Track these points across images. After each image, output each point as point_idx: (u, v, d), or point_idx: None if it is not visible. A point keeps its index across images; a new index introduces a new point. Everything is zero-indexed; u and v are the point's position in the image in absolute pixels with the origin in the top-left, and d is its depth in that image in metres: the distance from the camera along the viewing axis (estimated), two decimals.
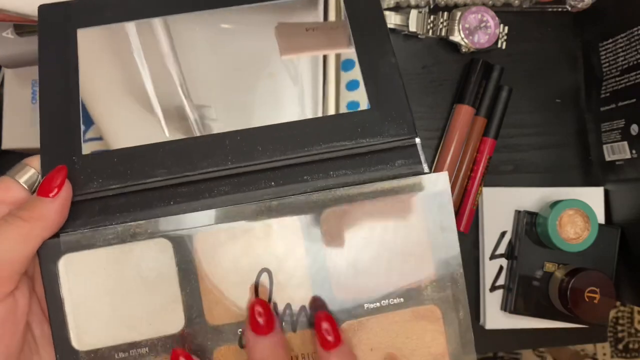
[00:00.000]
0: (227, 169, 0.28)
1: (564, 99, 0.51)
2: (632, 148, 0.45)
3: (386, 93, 0.30)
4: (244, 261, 0.27)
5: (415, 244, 0.28)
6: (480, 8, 0.47)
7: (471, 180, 0.48)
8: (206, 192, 0.28)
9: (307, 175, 0.28)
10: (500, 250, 0.48)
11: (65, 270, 0.27)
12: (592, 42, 0.50)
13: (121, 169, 0.28)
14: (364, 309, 0.28)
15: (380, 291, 0.28)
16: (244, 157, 0.28)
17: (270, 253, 0.28)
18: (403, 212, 0.28)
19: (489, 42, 0.47)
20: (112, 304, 0.27)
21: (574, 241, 0.46)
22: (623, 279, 0.48)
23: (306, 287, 0.28)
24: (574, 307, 0.45)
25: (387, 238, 0.28)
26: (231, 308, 0.27)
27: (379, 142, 0.29)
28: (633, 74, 0.45)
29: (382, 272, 0.28)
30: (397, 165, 0.29)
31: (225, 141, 0.29)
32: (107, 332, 0.27)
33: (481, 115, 0.48)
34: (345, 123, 0.29)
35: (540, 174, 0.50)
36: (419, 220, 0.28)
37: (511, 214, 0.49)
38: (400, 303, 0.28)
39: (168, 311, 0.27)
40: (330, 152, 0.29)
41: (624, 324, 0.95)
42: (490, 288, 0.48)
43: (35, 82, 0.51)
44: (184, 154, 0.28)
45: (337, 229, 0.28)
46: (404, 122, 0.29)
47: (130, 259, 0.27)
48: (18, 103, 0.49)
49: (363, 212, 0.28)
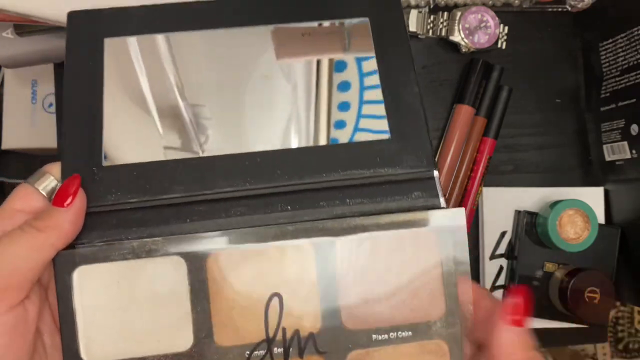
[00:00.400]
0: (244, 190, 0.28)
1: (564, 99, 0.51)
2: (632, 148, 0.45)
3: (407, 123, 0.30)
4: (255, 284, 0.27)
5: (427, 278, 0.28)
6: (480, 8, 0.47)
7: (471, 180, 0.48)
8: (222, 212, 0.28)
9: (323, 202, 0.28)
10: (500, 250, 0.48)
11: (79, 282, 0.27)
12: (592, 42, 0.50)
13: (140, 183, 0.28)
14: (372, 340, 0.28)
15: (390, 323, 0.28)
16: (263, 179, 0.28)
17: (282, 277, 0.28)
18: (417, 245, 0.28)
19: (489, 42, 0.47)
20: (123, 317, 0.27)
21: (574, 241, 0.46)
22: (623, 279, 0.48)
23: (315, 314, 0.28)
24: (574, 307, 0.45)
25: (399, 270, 0.28)
26: (240, 330, 0.27)
27: (396, 172, 0.29)
28: (633, 74, 0.45)
29: (392, 305, 0.28)
30: (413, 197, 0.29)
31: (245, 162, 0.29)
32: (116, 345, 0.27)
33: (481, 115, 0.48)
34: (365, 151, 0.29)
35: (540, 174, 0.50)
36: (433, 254, 0.28)
37: (511, 214, 0.49)
38: (409, 337, 0.28)
39: (177, 329, 0.27)
40: (348, 179, 0.29)
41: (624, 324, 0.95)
42: (490, 288, 0.48)
43: (35, 82, 0.51)
44: (203, 172, 0.28)
45: (351, 259, 0.28)
46: (423, 154, 0.29)
47: (144, 275, 0.27)
48: (18, 103, 0.49)
49: (377, 243, 0.28)
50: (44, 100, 0.52)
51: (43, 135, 0.51)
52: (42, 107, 0.52)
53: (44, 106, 0.52)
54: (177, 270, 0.27)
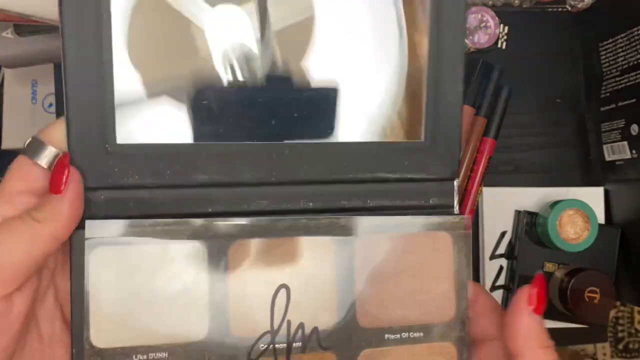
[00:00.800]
0: (269, 184, 0.28)
1: (564, 99, 0.51)
2: (632, 148, 0.45)
3: (444, 128, 0.29)
4: (272, 276, 0.27)
5: (440, 281, 0.29)
6: (480, 8, 0.47)
7: (471, 180, 0.48)
8: (245, 202, 0.27)
9: (345, 201, 0.28)
10: (500, 250, 0.48)
11: (93, 264, 0.26)
12: (592, 42, 0.50)
13: (160, 166, 0.26)
14: (384, 339, 0.28)
15: (402, 323, 0.28)
16: (289, 174, 0.28)
17: (298, 271, 0.27)
18: (432, 248, 0.29)
19: (489, 42, 0.47)
20: (137, 303, 0.26)
21: (574, 241, 0.46)
22: (623, 279, 0.48)
23: (331, 311, 0.28)
24: (574, 307, 0.45)
25: (414, 272, 0.28)
26: (256, 322, 0.27)
27: (421, 177, 0.29)
28: (633, 74, 0.45)
29: (406, 305, 0.28)
30: (431, 203, 0.29)
31: (272, 154, 0.28)
32: (127, 332, 0.26)
33: (481, 115, 0.48)
34: (395, 153, 0.29)
35: (540, 174, 0.50)
36: (447, 257, 0.29)
37: (511, 214, 0.49)
38: (420, 337, 0.28)
39: (193, 317, 0.27)
40: (373, 181, 0.29)
41: (624, 324, 0.95)
42: (491, 288, 0.48)
43: (35, 82, 0.51)
44: (228, 160, 0.27)
45: (369, 257, 0.28)
46: (450, 163, 0.29)
47: (162, 261, 0.27)
48: (18, 103, 0.49)
49: (395, 244, 0.28)
50: (44, 101, 0.52)
51: None
52: (42, 107, 0.52)
53: (44, 106, 0.52)
54: (196, 258, 0.27)
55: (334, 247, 0.28)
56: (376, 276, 0.28)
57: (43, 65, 0.45)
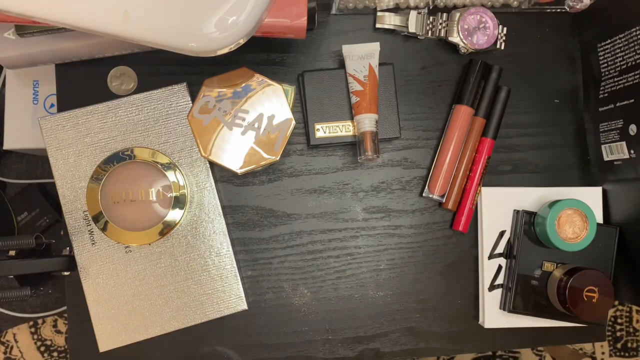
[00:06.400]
0: None
1: (563, 100, 0.51)
2: (630, 148, 0.45)
3: None
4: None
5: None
6: (479, 9, 0.47)
7: (470, 180, 0.48)
8: None
9: None
10: (499, 249, 0.49)
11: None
12: (590, 43, 0.50)
13: None
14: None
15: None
16: None
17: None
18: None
19: (488, 42, 0.48)
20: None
21: (573, 241, 0.46)
22: (621, 278, 0.48)
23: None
24: (573, 306, 0.45)
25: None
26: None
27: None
28: (631, 74, 0.45)
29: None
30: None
31: None
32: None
33: (480, 116, 0.48)
34: None
35: (539, 174, 0.51)
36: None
37: (510, 214, 0.49)
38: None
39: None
40: None
41: (623, 323, 0.95)
42: (489, 287, 0.48)
43: (36, 82, 0.51)
44: None
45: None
46: None
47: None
48: (19, 104, 0.49)
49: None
50: (46, 101, 0.53)
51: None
52: (44, 107, 0.52)
53: (46, 107, 0.53)
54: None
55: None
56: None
57: (44, 66, 0.45)
